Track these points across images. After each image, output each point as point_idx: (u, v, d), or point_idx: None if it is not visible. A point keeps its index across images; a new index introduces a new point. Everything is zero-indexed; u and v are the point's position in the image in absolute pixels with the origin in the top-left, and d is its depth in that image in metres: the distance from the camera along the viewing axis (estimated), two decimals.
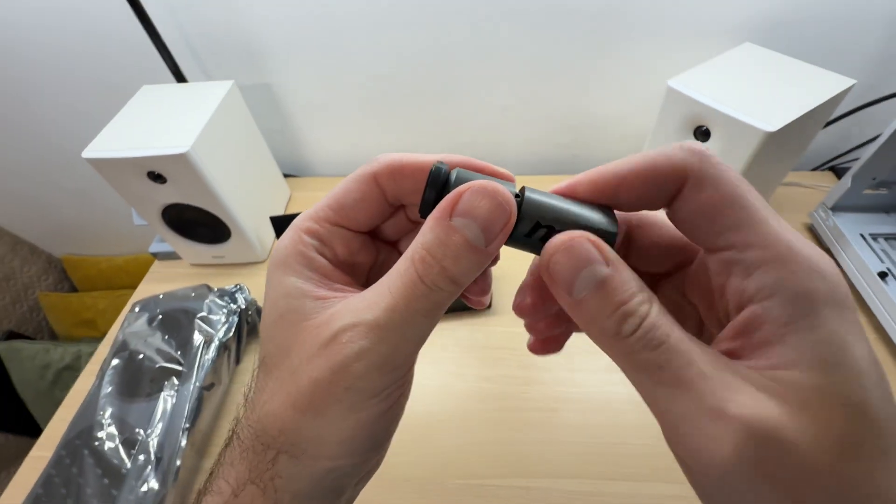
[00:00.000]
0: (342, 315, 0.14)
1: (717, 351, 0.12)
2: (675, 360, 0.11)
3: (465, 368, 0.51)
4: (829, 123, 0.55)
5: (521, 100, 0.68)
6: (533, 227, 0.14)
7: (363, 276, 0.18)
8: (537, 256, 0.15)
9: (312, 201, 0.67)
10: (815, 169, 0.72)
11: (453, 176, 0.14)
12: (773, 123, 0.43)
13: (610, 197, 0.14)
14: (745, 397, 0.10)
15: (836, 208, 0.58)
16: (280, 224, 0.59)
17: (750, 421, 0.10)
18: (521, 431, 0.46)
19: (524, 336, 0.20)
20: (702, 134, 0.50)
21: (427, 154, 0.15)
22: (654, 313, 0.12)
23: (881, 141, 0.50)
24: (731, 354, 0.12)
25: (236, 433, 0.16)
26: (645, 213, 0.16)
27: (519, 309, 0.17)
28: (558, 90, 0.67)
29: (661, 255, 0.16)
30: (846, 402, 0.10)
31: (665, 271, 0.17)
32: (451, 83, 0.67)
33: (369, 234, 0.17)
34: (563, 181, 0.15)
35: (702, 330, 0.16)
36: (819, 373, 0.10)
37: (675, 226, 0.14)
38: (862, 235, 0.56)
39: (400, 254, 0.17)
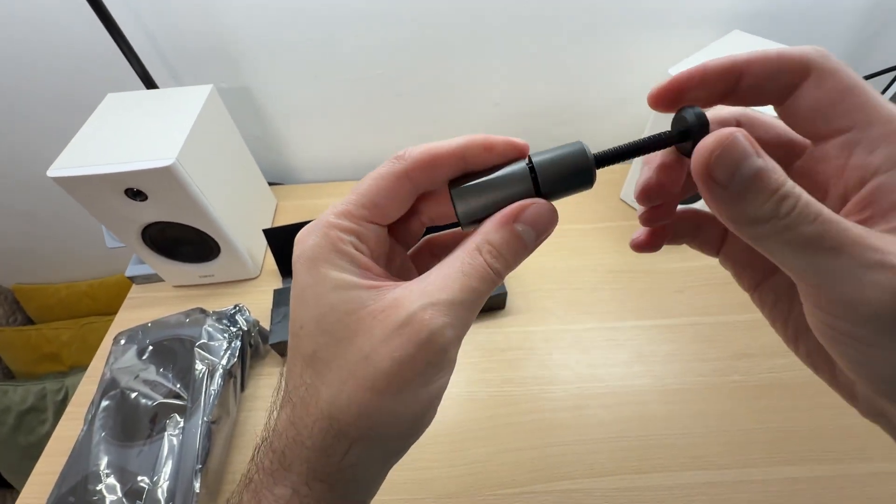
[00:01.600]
0: (411, 298, 0.15)
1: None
2: (833, 227, 0.12)
3: (489, 373, 0.49)
4: None
5: (514, 94, 0.67)
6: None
7: (385, 266, 0.18)
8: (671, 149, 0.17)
9: (301, 210, 0.63)
10: None
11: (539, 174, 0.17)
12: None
13: (732, 82, 0.15)
14: None
15: None
16: (274, 237, 0.55)
17: None
18: (553, 433, 0.45)
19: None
20: None
21: (447, 140, 0.16)
22: (805, 193, 0.13)
23: None
24: (861, 224, 0.13)
25: (290, 439, 0.16)
26: (750, 112, 0.17)
27: (646, 189, 0.18)
28: (551, 83, 0.66)
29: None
30: None
31: None
32: (441, 80, 0.64)
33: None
34: (698, 64, 0.16)
35: None
36: None
37: (786, 121, 0.15)
38: None
39: (399, 244, 0.20)
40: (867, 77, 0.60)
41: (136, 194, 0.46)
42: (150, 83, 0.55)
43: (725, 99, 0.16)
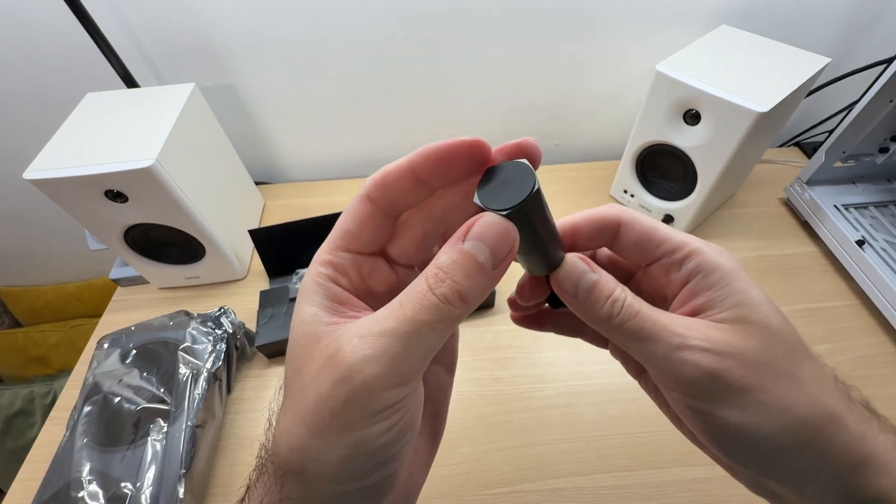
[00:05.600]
0: (350, 330, 0.14)
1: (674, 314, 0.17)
2: (648, 321, 0.16)
3: (479, 372, 0.49)
4: None
5: (503, 91, 0.67)
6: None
7: (383, 302, 0.17)
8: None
9: (288, 209, 0.63)
10: (781, 146, 0.75)
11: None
12: (764, 104, 0.44)
13: (570, 241, 0.20)
14: (699, 333, 0.16)
15: (811, 182, 0.60)
16: (260, 237, 0.54)
17: (704, 345, 0.15)
18: (543, 432, 0.45)
19: (530, 333, 0.25)
20: (691, 117, 0.50)
21: (402, 159, 0.16)
22: (629, 296, 0.17)
23: (852, 117, 0.52)
24: (685, 315, 0.18)
25: (259, 456, 0.17)
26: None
27: (518, 296, 0.21)
28: (539, 79, 0.65)
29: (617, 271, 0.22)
30: (756, 323, 0.16)
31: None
32: (430, 76, 0.64)
33: (386, 260, 0.18)
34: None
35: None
36: (735, 312, 0.16)
37: (620, 255, 0.20)
38: (836, 206, 0.59)
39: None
40: (853, 73, 0.60)
41: (116, 196, 0.45)
42: (130, 82, 0.54)
43: (573, 247, 0.20)
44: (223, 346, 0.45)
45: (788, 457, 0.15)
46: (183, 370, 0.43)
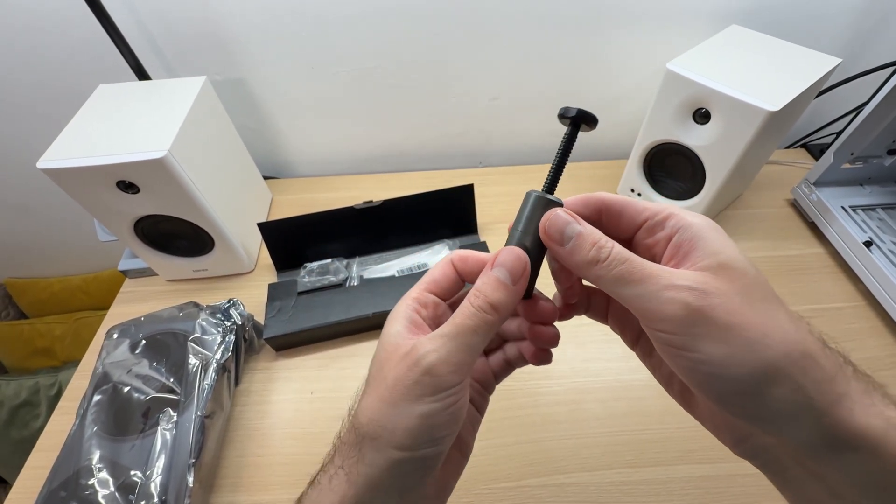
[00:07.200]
0: (420, 339, 0.20)
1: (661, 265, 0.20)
2: (638, 265, 0.18)
3: None
4: None
5: (511, 88, 0.67)
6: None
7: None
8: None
9: (296, 204, 0.63)
10: (788, 147, 0.75)
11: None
12: (775, 103, 0.44)
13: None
14: (684, 276, 0.18)
15: (818, 183, 0.60)
16: (268, 230, 0.54)
17: (691, 284, 0.17)
18: (549, 428, 0.45)
19: None
20: (701, 116, 0.50)
21: (484, 255, 0.23)
22: (617, 247, 0.19)
23: (861, 119, 0.52)
24: (672, 267, 0.19)
25: (339, 436, 0.22)
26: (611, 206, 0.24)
27: (554, 274, 0.24)
28: (548, 77, 0.65)
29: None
30: (735, 269, 0.18)
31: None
32: (438, 73, 0.64)
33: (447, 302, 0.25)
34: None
35: None
36: (715, 259, 0.18)
37: (610, 231, 0.22)
38: (843, 208, 0.59)
39: None
40: (862, 74, 0.60)
41: (128, 187, 0.45)
42: (142, 74, 0.54)
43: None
44: (232, 337, 0.46)
45: (769, 391, 0.16)
46: (192, 361, 0.43)
